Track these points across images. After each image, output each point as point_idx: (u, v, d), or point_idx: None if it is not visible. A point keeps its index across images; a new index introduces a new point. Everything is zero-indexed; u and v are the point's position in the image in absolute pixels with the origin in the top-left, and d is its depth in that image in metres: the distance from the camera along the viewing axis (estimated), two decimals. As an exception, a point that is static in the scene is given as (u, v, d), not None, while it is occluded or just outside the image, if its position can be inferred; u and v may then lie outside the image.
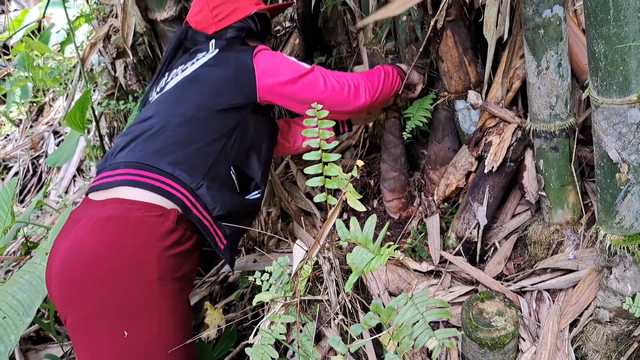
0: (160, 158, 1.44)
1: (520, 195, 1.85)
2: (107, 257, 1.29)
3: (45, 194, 2.78)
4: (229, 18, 1.74)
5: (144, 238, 1.32)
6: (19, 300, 1.61)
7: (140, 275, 1.31)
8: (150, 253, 1.32)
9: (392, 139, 1.99)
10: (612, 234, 1.31)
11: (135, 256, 1.31)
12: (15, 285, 1.65)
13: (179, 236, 1.38)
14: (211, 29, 1.74)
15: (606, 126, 1.22)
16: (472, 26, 1.84)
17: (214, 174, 1.49)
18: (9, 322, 1.56)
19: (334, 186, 1.19)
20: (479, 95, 1.77)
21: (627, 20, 1.09)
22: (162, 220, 1.35)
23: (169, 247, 1.35)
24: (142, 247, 1.32)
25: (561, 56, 1.49)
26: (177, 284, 1.38)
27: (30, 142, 3.80)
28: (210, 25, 1.75)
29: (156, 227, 1.34)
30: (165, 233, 1.35)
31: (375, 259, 1.04)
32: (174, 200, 1.39)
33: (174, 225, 1.37)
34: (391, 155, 2.01)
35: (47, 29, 4.87)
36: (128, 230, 1.32)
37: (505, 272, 1.72)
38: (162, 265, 1.33)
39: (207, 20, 1.75)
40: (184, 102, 1.57)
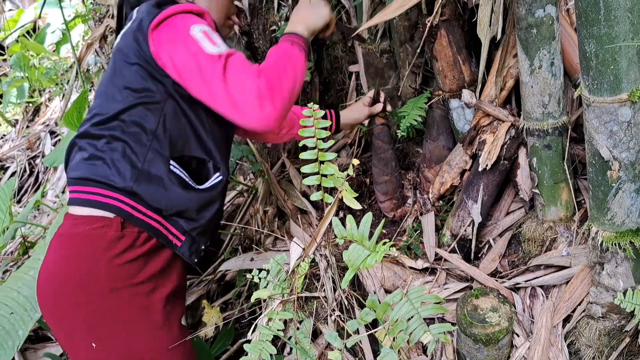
0: (91, 167, 1.35)
1: (514, 192, 1.87)
2: (62, 274, 1.32)
3: (43, 194, 2.79)
4: None
5: (90, 251, 1.31)
6: (25, 296, 1.63)
7: (94, 288, 1.30)
8: (98, 265, 1.30)
9: (381, 144, 2.00)
10: (604, 230, 1.33)
11: (84, 270, 1.30)
12: (20, 282, 1.67)
13: (131, 241, 1.34)
14: None
15: (597, 124, 1.24)
16: (466, 25, 1.86)
17: (148, 173, 1.36)
18: (16, 317, 1.58)
19: (330, 185, 1.21)
20: (473, 94, 1.79)
21: (617, 20, 1.11)
22: (104, 231, 1.31)
23: (117, 255, 1.32)
24: (89, 259, 1.30)
25: (554, 55, 1.51)
26: (141, 288, 1.35)
27: (27, 142, 3.81)
28: None
29: (100, 238, 1.31)
30: (110, 242, 1.31)
31: (371, 256, 1.06)
32: (112, 209, 1.33)
33: (119, 232, 1.32)
34: (381, 160, 2.03)
35: (42, 29, 4.87)
36: (74, 246, 1.32)
37: (500, 269, 1.74)
38: (113, 274, 1.31)
39: None
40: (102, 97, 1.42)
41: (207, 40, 1.30)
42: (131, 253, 1.34)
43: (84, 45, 2.66)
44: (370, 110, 1.90)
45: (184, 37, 1.30)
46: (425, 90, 2.10)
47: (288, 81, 1.34)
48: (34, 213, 3.40)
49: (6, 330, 1.55)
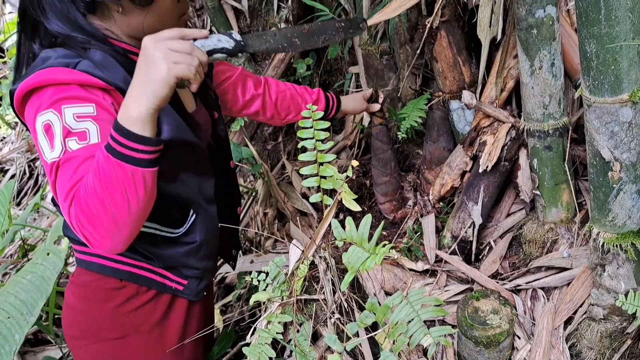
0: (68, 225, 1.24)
1: (515, 194, 1.86)
2: (73, 320, 1.31)
3: (42, 197, 2.78)
4: None
5: (94, 302, 1.28)
6: (22, 300, 1.62)
7: (103, 336, 1.29)
8: (102, 315, 1.28)
9: (380, 145, 1.99)
10: (605, 232, 1.33)
11: (92, 320, 1.28)
12: (17, 286, 1.66)
13: (134, 290, 1.29)
14: None
15: (598, 125, 1.23)
16: (466, 26, 1.85)
17: None
18: (12, 322, 1.57)
19: (329, 186, 1.20)
20: (473, 95, 1.78)
21: (618, 20, 1.10)
22: (104, 282, 1.27)
23: (121, 304, 1.28)
24: (95, 310, 1.28)
25: (554, 56, 1.50)
26: (156, 330, 1.32)
27: (27, 144, 3.80)
28: None
29: (101, 290, 1.27)
30: (111, 292, 1.27)
31: (371, 258, 1.05)
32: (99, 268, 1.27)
33: (119, 283, 1.27)
34: (380, 160, 2.02)
35: (42, 32, 4.87)
36: (81, 295, 1.30)
37: (501, 270, 1.73)
38: (120, 323, 1.28)
39: None
40: None
41: (45, 140, 1.02)
42: (135, 302, 1.29)
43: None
44: (367, 105, 1.84)
45: (32, 126, 1.05)
46: (426, 91, 2.09)
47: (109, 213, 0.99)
48: (34, 215, 3.39)
49: (3, 335, 1.54)
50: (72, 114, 1.01)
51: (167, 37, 0.99)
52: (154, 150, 1.00)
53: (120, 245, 1.03)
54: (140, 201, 1.00)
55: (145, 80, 0.98)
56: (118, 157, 0.96)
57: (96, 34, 1.10)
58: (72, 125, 1.01)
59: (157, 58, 0.97)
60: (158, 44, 0.98)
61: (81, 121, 1.01)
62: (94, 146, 1.01)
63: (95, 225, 0.98)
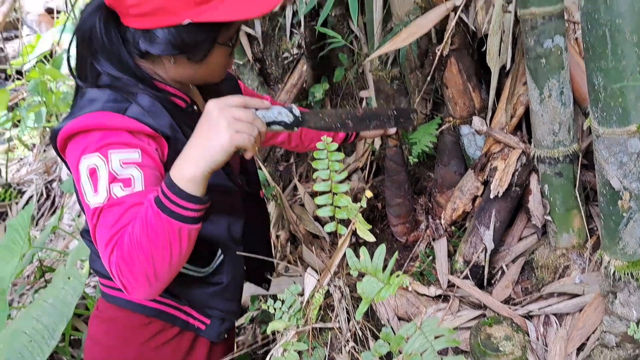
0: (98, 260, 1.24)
1: (526, 218, 1.88)
2: (96, 353, 1.33)
3: (60, 218, 2.84)
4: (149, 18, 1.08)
5: (120, 337, 1.29)
6: (44, 324, 1.66)
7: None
8: (127, 351, 1.29)
9: (394, 166, 2.01)
10: (616, 259, 1.34)
11: (116, 355, 1.29)
12: (39, 309, 1.70)
13: (159, 327, 1.29)
14: (126, 19, 1.11)
15: (607, 155, 1.25)
16: (476, 54, 1.88)
17: None
18: (34, 345, 1.61)
19: (343, 216, 1.23)
20: (484, 122, 1.81)
21: (624, 54, 1.13)
22: (131, 318, 1.28)
23: (147, 341, 1.28)
24: (120, 346, 1.29)
25: (563, 84, 1.53)
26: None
27: (44, 166, 3.88)
28: (125, 14, 1.11)
29: (128, 326, 1.29)
30: (137, 328, 1.29)
31: (385, 289, 1.07)
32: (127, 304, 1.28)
33: (146, 319, 1.28)
34: (394, 182, 2.04)
35: (59, 54, 4.99)
36: (107, 330, 1.31)
37: (513, 295, 1.74)
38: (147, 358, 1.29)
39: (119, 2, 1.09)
40: None
41: (89, 183, 1.04)
42: (161, 338, 1.30)
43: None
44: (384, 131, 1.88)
45: (75, 168, 1.06)
46: (436, 115, 2.12)
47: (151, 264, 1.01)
48: (50, 237, 3.45)
49: (25, 359, 1.57)
50: (118, 159, 1.03)
51: (232, 105, 1.03)
52: (202, 209, 1.03)
53: (155, 293, 1.06)
54: (181, 255, 1.03)
55: (205, 145, 1.01)
56: (168, 214, 0.99)
57: (145, 78, 1.13)
58: (117, 171, 1.03)
59: (221, 125, 1.00)
60: (223, 111, 1.01)
61: (127, 167, 1.04)
62: (137, 194, 1.04)
63: (135, 274, 1.00)
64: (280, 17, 2.59)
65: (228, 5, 1.08)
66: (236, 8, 1.08)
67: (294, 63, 2.67)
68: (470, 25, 1.77)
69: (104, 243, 1.01)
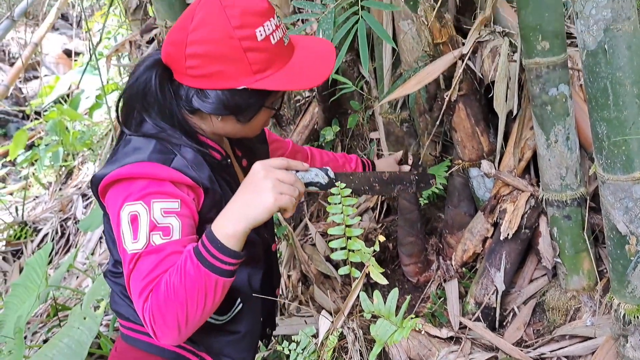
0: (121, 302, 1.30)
1: (537, 260, 1.90)
2: None
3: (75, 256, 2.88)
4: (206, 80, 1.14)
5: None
6: (58, 364, 1.69)
7: None
8: None
9: (407, 205, 2.06)
10: (625, 302, 1.36)
11: None
12: (55, 349, 1.73)
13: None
14: (181, 77, 1.17)
15: (613, 200, 1.29)
16: (483, 99, 1.94)
17: None
18: (50, 386, 1.63)
19: (357, 259, 1.27)
20: (492, 165, 1.86)
21: (625, 105, 1.18)
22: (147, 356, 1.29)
23: None
24: None
25: (569, 130, 1.58)
26: None
27: (59, 204, 3.95)
28: (181, 73, 1.16)
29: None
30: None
31: (398, 332, 1.10)
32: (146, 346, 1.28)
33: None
34: (407, 221, 2.07)
35: (77, 95, 5.14)
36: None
37: (525, 337, 1.75)
38: None
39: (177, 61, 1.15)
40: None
41: (129, 229, 1.07)
42: None
43: (119, 115, 2.82)
44: (399, 168, 1.92)
45: (116, 213, 1.10)
46: (446, 158, 2.17)
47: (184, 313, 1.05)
48: (64, 275, 3.49)
49: (41, 399, 1.60)
50: (160, 208, 1.08)
51: (276, 167, 1.11)
52: (239, 263, 1.09)
53: (182, 340, 1.09)
54: (214, 305, 1.08)
55: (250, 204, 1.08)
56: (207, 266, 1.04)
57: (190, 132, 1.20)
58: (158, 220, 1.07)
59: (266, 187, 1.07)
60: (269, 173, 1.09)
61: (167, 216, 1.08)
62: (175, 242, 1.08)
63: (168, 322, 1.04)
64: (293, 63, 2.67)
65: (282, 76, 1.16)
66: (289, 79, 1.16)
67: (305, 106, 2.75)
68: (477, 72, 1.83)
69: (140, 289, 1.05)
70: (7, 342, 2.12)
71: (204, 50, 1.11)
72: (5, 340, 2.14)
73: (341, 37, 1.84)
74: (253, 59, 1.12)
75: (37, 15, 5.47)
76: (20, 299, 2.38)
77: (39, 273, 2.36)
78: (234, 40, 1.10)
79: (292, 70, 1.17)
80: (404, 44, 2.02)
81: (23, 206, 3.97)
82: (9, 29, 4.26)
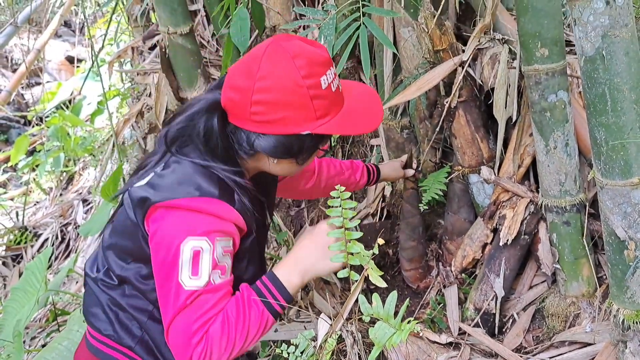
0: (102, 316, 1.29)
1: (536, 266, 1.90)
2: None
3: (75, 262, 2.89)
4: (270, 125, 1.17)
5: None
6: (58, 366, 1.68)
7: None
8: None
9: (410, 208, 2.07)
10: (624, 308, 1.36)
11: None
12: (54, 352, 1.73)
13: None
14: (243, 122, 1.20)
15: (612, 205, 1.29)
16: (483, 105, 1.95)
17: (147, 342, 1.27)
18: (48, 389, 1.63)
19: (356, 262, 1.27)
20: (492, 171, 1.86)
21: (623, 111, 1.19)
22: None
23: None
24: None
25: (568, 137, 1.59)
26: None
27: (60, 210, 3.96)
28: (243, 118, 1.19)
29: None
30: None
31: (397, 335, 1.10)
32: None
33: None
34: (409, 224, 2.08)
35: (79, 101, 5.16)
36: None
37: (524, 344, 1.74)
38: None
39: (241, 107, 1.18)
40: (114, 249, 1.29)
41: (189, 265, 1.10)
42: None
43: (121, 120, 2.84)
44: (404, 172, 1.98)
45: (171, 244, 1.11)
46: (446, 164, 2.17)
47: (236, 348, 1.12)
48: (63, 280, 3.48)
49: (40, 402, 1.59)
50: (221, 247, 1.13)
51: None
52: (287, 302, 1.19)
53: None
54: (255, 341, 1.16)
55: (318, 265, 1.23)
56: (271, 311, 1.16)
57: (242, 174, 1.25)
58: (219, 259, 1.12)
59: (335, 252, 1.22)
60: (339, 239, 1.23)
61: (225, 255, 1.15)
62: (228, 281, 1.16)
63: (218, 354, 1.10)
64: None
65: (340, 120, 1.23)
66: (347, 123, 1.24)
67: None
68: (477, 79, 1.85)
69: (195, 328, 1.08)
70: (6, 346, 2.12)
71: (271, 98, 1.16)
72: (4, 344, 2.14)
73: (342, 43, 1.85)
74: (318, 106, 1.18)
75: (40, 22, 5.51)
76: (19, 303, 2.38)
77: (38, 277, 2.36)
78: (302, 89, 1.16)
79: (347, 115, 1.25)
80: (405, 51, 2.03)
81: (23, 211, 3.98)
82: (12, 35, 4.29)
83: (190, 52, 2.47)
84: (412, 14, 1.94)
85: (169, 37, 2.41)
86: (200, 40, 2.77)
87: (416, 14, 1.87)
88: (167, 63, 2.50)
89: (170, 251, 1.11)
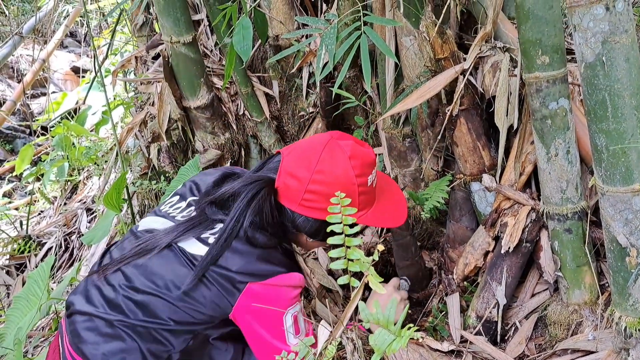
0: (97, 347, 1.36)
1: (538, 274, 1.89)
2: None
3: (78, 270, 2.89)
4: (316, 212, 1.39)
5: None
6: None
7: None
8: None
9: (398, 231, 2.05)
10: (627, 316, 1.35)
11: None
12: (53, 362, 1.71)
13: None
14: (293, 205, 1.40)
15: (613, 212, 1.29)
16: (484, 114, 1.96)
17: None
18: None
19: (356, 269, 1.27)
20: (493, 179, 1.86)
21: (624, 117, 1.19)
22: None
23: None
24: None
25: (569, 144, 1.59)
26: None
27: (64, 219, 3.96)
28: (295, 202, 1.40)
29: None
30: None
31: (397, 341, 1.10)
32: None
33: None
34: (401, 246, 2.06)
35: (83, 111, 5.19)
36: None
37: (527, 352, 1.73)
38: None
39: (294, 192, 1.38)
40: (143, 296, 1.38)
41: (293, 328, 1.38)
42: None
43: (124, 129, 2.85)
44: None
45: (276, 316, 1.35)
46: (447, 172, 2.18)
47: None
48: (67, 288, 3.48)
49: (41, 409, 1.59)
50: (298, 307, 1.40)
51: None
52: None
53: None
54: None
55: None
56: None
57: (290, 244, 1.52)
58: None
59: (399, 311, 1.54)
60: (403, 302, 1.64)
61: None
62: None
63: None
64: (297, 78, 2.70)
65: (374, 214, 1.46)
66: (379, 218, 1.48)
67: (309, 121, 2.77)
68: (479, 87, 1.85)
69: None
70: (7, 354, 2.11)
71: (325, 190, 1.36)
72: (5, 352, 2.13)
73: (344, 52, 1.86)
74: (361, 200, 1.40)
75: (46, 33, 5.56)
76: (21, 311, 2.38)
77: (40, 286, 2.36)
78: (354, 186, 1.37)
79: (380, 209, 1.48)
80: (406, 59, 2.04)
81: (27, 220, 3.98)
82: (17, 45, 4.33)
83: (193, 61, 2.49)
84: (413, 23, 1.95)
85: (172, 46, 2.42)
86: (203, 50, 2.79)
87: (417, 22, 1.89)
88: (170, 72, 2.51)
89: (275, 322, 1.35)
